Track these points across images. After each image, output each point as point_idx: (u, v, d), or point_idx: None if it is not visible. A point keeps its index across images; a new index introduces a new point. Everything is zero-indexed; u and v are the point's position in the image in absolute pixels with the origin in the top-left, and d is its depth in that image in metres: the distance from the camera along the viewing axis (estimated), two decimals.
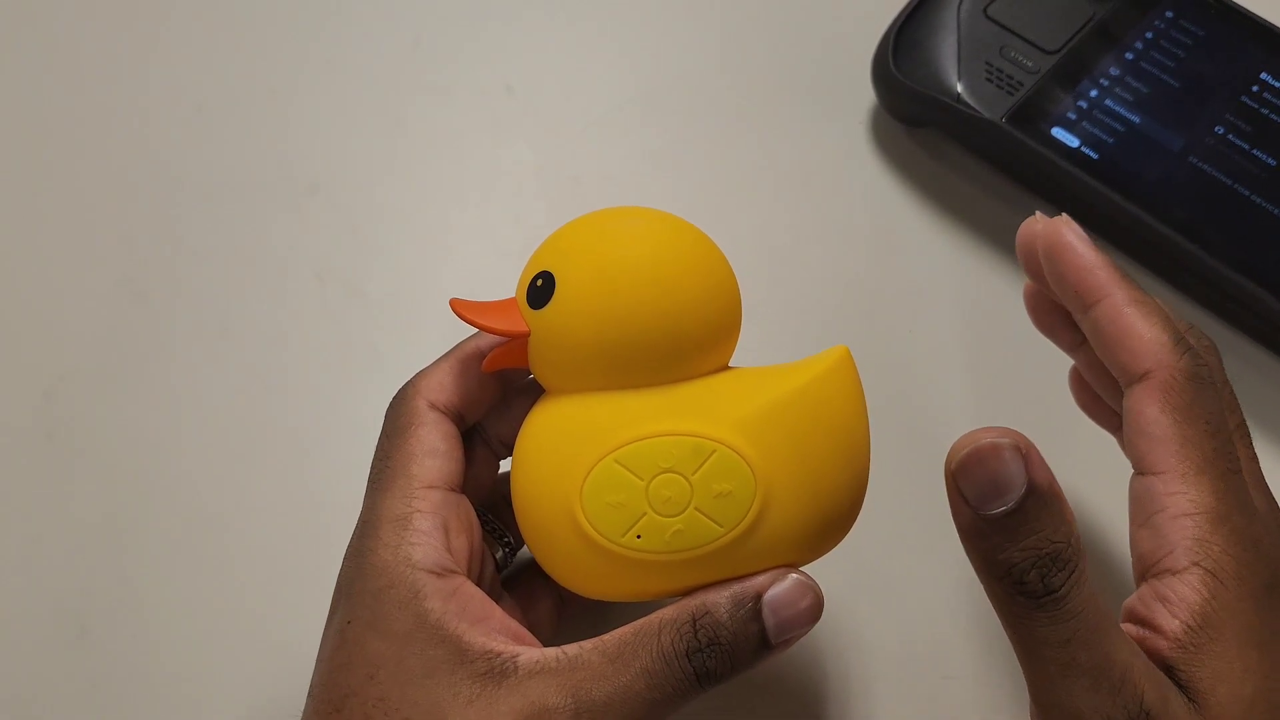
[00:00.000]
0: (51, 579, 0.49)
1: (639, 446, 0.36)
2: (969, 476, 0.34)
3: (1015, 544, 0.33)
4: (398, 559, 0.36)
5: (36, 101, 0.60)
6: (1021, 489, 0.33)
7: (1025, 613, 0.34)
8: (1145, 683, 0.33)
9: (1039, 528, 0.33)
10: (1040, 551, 0.33)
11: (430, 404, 0.39)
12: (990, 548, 0.34)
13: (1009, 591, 0.34)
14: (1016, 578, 0.33)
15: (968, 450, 0.33)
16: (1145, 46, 0.55)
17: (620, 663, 0.35)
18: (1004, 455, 0.33)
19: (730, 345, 0.39)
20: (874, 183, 0.57)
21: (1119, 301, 0.38)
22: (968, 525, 0.34)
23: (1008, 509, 0.33)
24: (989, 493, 0.33)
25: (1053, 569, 0.33)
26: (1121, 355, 0.38)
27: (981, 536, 0.34)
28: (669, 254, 0.37)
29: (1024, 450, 0.33)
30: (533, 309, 0.38)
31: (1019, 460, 0.33)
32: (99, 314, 0.54)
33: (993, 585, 0.34)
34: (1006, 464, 0.33)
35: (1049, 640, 0.33)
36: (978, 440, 0.33)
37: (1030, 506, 0.33)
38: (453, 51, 0.61)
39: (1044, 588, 0.33)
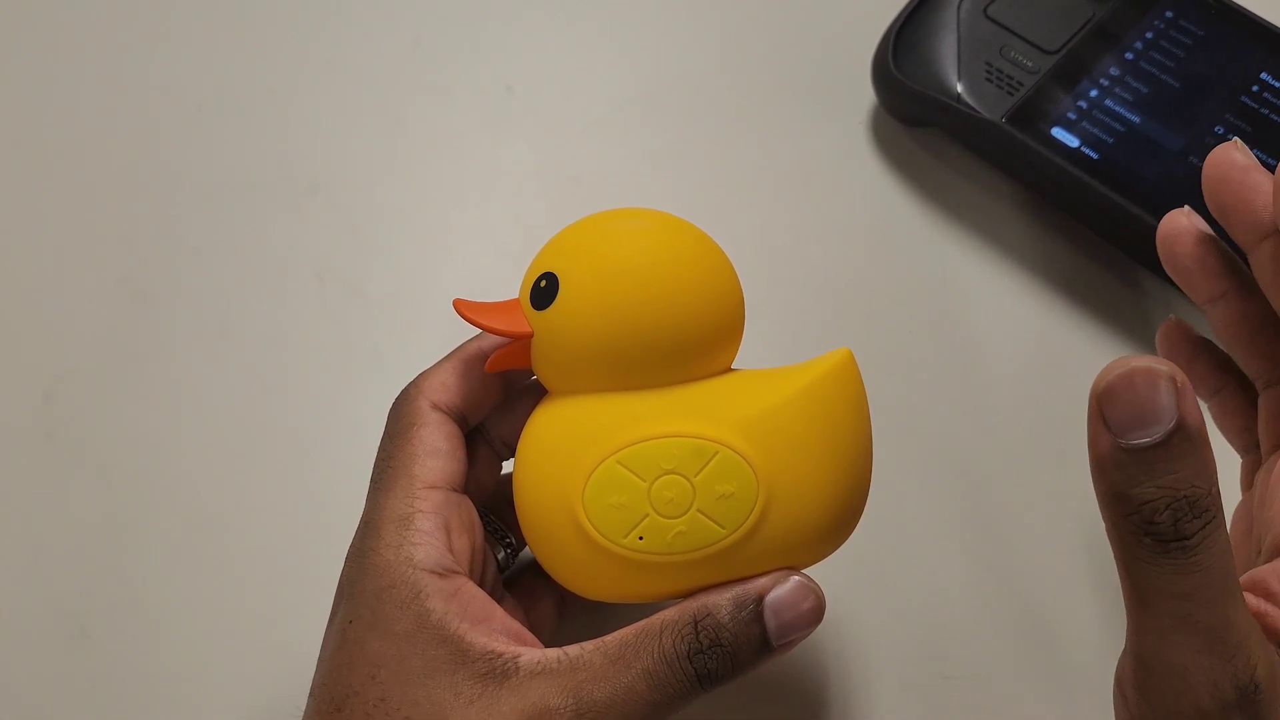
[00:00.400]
0: (51, 579, 0.49)
1: (641, 448, 0.36)
2: (1116, 400, 0.31)
3: (1153, 480, 0.31)
4: (399, 559, 0.36)
5: (37, 101, 0.60)
6: (1171, 423, 0.30)
7: (1149, 556, 0.32)
8: (1260, 655, 0.32)
9: (1182, 468, 0.31)
10: (1178, 493, 0.31)
11: (433, 404, 0.40)
12: (1124, 479, 0.31)
13: (1136, 530, 0.32)
14: (1147, 516, 0.31)
15: (1120, 372, 0.31)
16: (1145, 46, 0.55)
17: (622, 664, 0.35)
18: (1159, 384, 0.31)
19: (733, 347, 0.39)
20: (874, 183, 0.57)
21: None
22: (1104, 453, 0.32)
23: (1153, 441, 0.31)
24: (1135, 420, 0.31)
25: (1188, 514, 0.31)
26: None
27: (1117, 467, 0.31)
28: (673, 256, 0.38)
29: (1180, 385, 0.31)
30: (536, 310, 0.38)
31: (1173, 393, 0.30)
32: (99, 314, 0.54)
33: (1119, 521, 0.32)
34: (1160, 394, 0.31)
35: (1169, 590, 0.32)
36: (1131, 364, 0.31)
37: (1177, 443, 0.31)
38: (453, 51, 0.61)
39: (1175, 532, 0.31)
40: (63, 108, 0.60)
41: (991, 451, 0.50)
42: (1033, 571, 0.48)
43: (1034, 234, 0.55)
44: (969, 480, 0.49)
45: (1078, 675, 0.46)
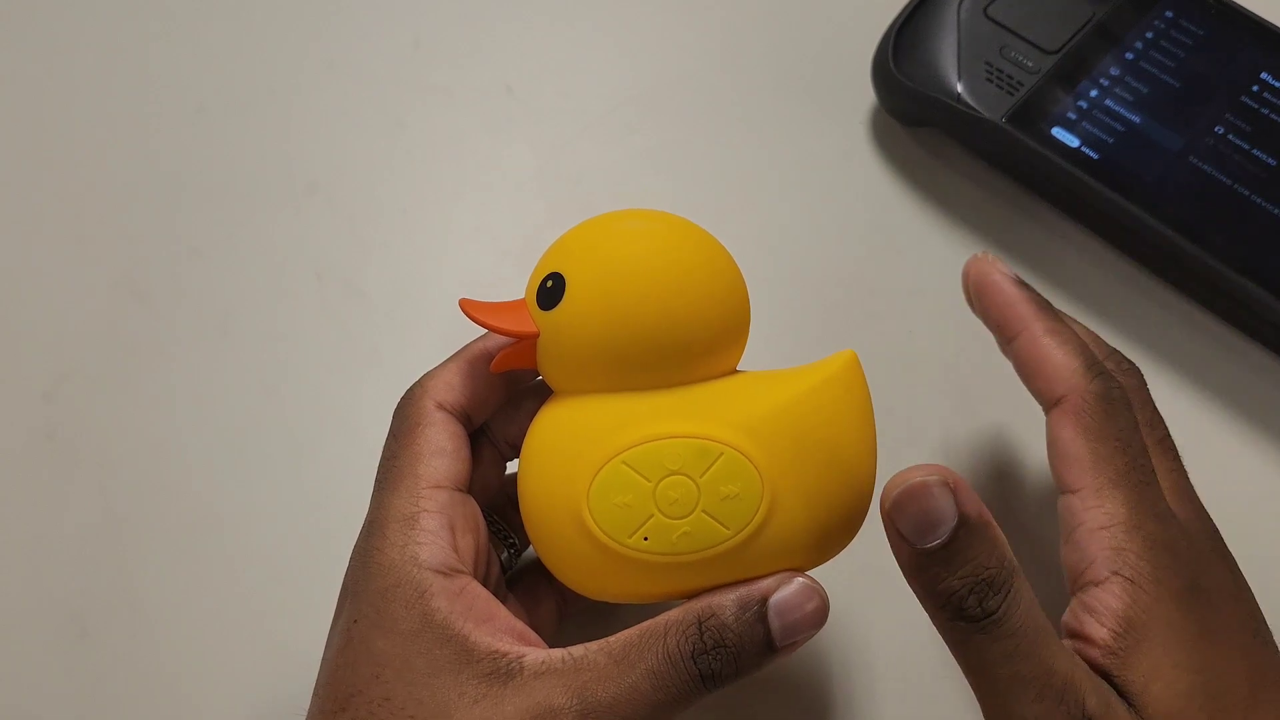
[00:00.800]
0: (51, 579, 0.49)
1: (646, 448, 0.36)
2: (903, 514, 0.35)
3: (953, 573, 0.35)
4: (404, 558, 0.36)
5: (37, 101, 0.60)
6: (953, 521, 0.34)
7: (967, 636, 0.35)
8: (1087, 688, 0.35)
9: (972, 555, 0.35)
10: (976, 578, 0.35)
11: (438, 404, 0.40)
12: (930, 579, 0.35)
13: (951, 617, 0.35)
14: (956, 604, 0.35)
15: (900, 489, 0.35)
16: (1145, 46, 0.55)
17: (626, 664, 0.35)
18: (933, 491, 0.34)
19: (738, 349, 0.39)
20: (874, 183, 0.57)
21: (1036, 332, 0.41)
22: (908, 560, 0.35)
23: (942, 541, 0.34)
24: (924, 527, 0.34)
25: (989, 593, 0.34)
26: (1039, 382, 0.41)
27: (921, 569, 0.35)
28: (679, 257, 0.38)
29: (952, 485, 0.34)
30: (542, 310, 0.38)
31: (948, 495, 0.34)
32: (99, 314, 0.54)
33: (936, 614, 0.36)
34: (936, 499, 0.34)
35: (992, 658, 0.35)
36: (909, 479, 0.35)
37: (962, 536, 0.34)
38: (453, 51, 0.61)
39: (982, 611, 0.35)
40: (63, 108, 0.60)
41: (991, 451, 0.50)
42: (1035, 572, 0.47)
43: (1034, 234, 0.55)
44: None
45: None
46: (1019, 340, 0.42)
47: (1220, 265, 0.50)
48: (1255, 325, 0.51)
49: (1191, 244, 0.50)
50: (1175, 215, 0.51)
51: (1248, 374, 0.52)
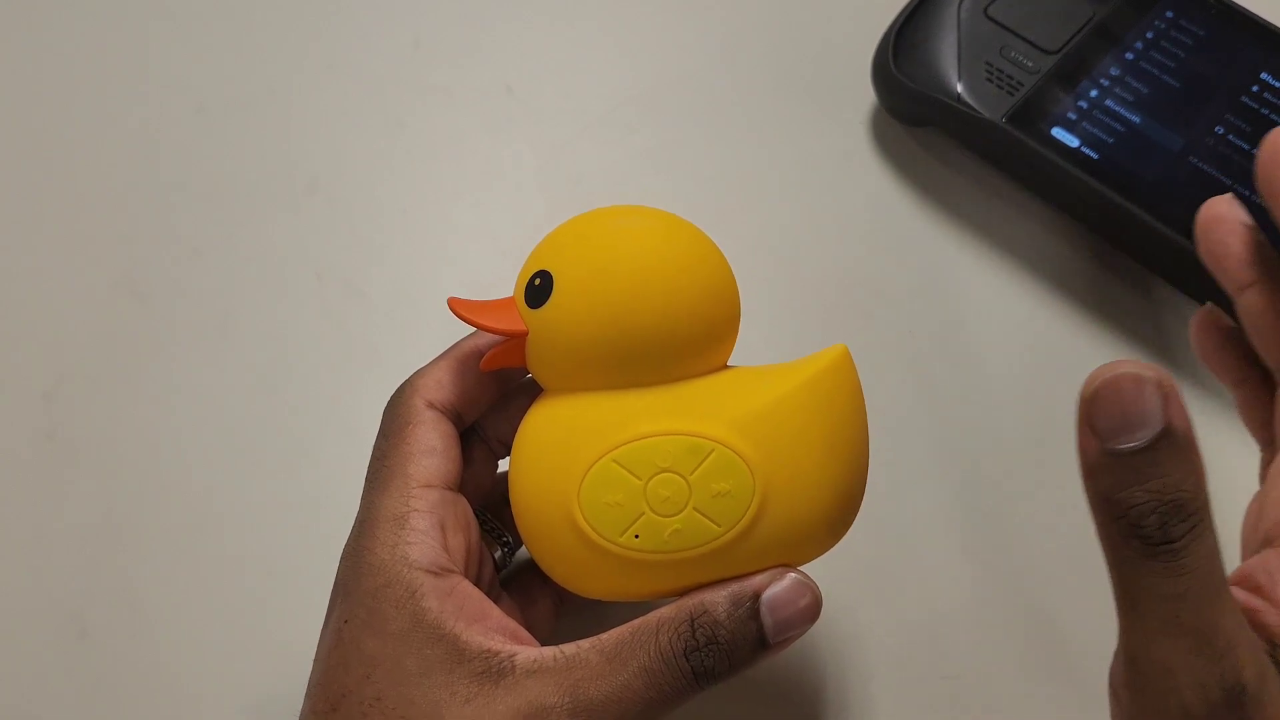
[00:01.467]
0: (51, 579, 0.49)
1: (637, 446, 0.36)
2: (1102, 406, 0.31)
3: (1140, 484, 0.31)
4: (394, 558, 0.36)
5: (36, 102, 0.60)
6: (1158, 427, 0.31)
7: (1137, 559, 0.32)
8: (1247, 657, 0.32)
9: (1168, 471, 0.31)
10: (1164, 497, 0.31)
11: (428, 403, 0.39)
12: (1112, 484, 0.32)
13: (1124, 533, 0.32)
14: (1134, 520, 0.31)
15: (1105, 379, 0.31)
16: (1145, 46, 0.55)
17: (618, 661, 0.35)
18: (1145, 390, 0.31)
19: (729, 345, 0.39)
20: (874, 183, 0.57)
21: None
22: (1092, 457, 0.32)
23: (1139, 445, 0.31)
24: (1121, 426, 0.31)
25: (1175, 518, 0.31)
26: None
27: (1105, 471, 0.32)
28: (667, 253, 0.37)
29: (1166, 389, 0.31)
30: (531, 308, 0.38)
31: (1158, 397, 0.31)
32: (99, 314, 0.54)
33: (1108, 525, 0.32)
34: (1146, 399, 0.31)
35: (1157, 592, 0.32)
36: (1117, 369, 0.31)
37: (1164, 448, 0.31)
38: (453, 51, 0.61)
39: (1162, 535, 0.31)
40: (63, 108, 0.60)
41: (989, 450, 0.50)
42: (1031, 569, 0.48)
43: (1034, 234, 0.55)
44: (967, 480, 0.49)
45: (1077, 674, 0.46)
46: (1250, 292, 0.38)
47: None
48: None
49: (1191, 244, 0.50)
50: (1175, 215, 0.51)
51: None
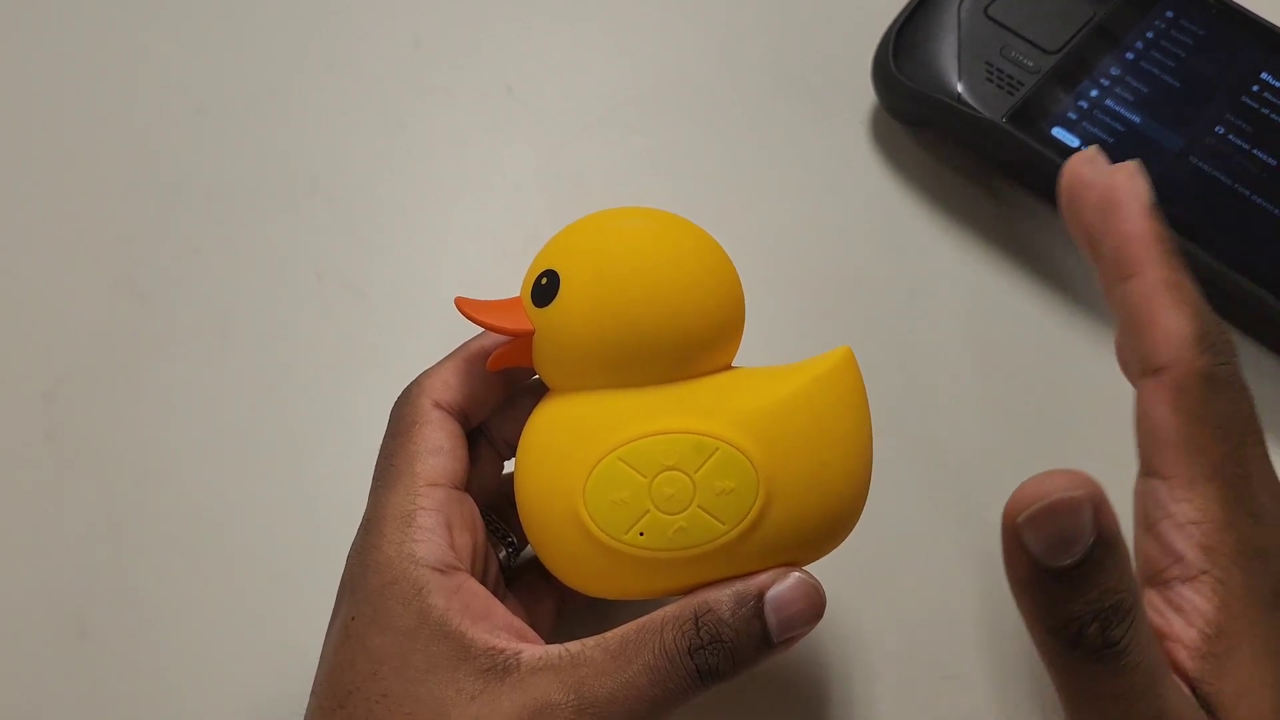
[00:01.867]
0: (51, 579, 0.49)
1: (642, 444, 0.36)
2: (1038, 529, 0.31)
3: (1080, 597, 0.31)
4: (401, 555, 0.36)
5: (36, 101, 0.60)
6: (1090, 540, 0.31)
7: (1081, 667, 0.32)
8: None
9: (1103, 579, 0.31)
10: (1104, 604, 0.31)
11: (435, 403, 0.40)
12: (1049, 600, 0.32)
13: (1065, 645, 0.32)
14: (1075, 631, 0.31)
15: (1040, 505, 0.31)
16: (1145, 46, 0.55)
17: (623, 659, 0.35)
18: (1080, 509, 0.30)
19: (734, 345, 0.39)
20: (874, 183, 0.57)
21: (1152, 282, 0.35)
22: (1025, 577, 0.32)
23: (1074, 561, 0.31)
24: (1057, 546, 0.31)
25: (1114, 621, 0.31)
26: (1141, 342, 0.35)
27: (1040, 589, 0.32)
28: (674, 253, 0.38)
29: (1097, 500, 0.31)
30: (537, 307, 0.38)
31: (1090, 511, 0.31)
32: (99, 314, 0.54)
33: (1046, 639, 0.33)
34: (1079, 516, 0.31)
35: (1104, 691, 0.32)
36: (1050, 492, 0.31)
37: (1098, 557, 0.31)
38: (453, 51, 0.61)
39: (1104, 641, 0.31)
40: (62, 108, 0.60)
41: (991, 451, 0.50)
42: None
43: (1034, 234, 0.55)
44: (969, 480, 0.49)
45: None
46: (1131, 284, 0.35)
47: (1220, 265, 0.50)
48: (1255, 324, 0.51)
49: (1191, 244, 0.50)
50: (1175, 215, 0.50)
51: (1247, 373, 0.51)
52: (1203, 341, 0.34)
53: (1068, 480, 0.31)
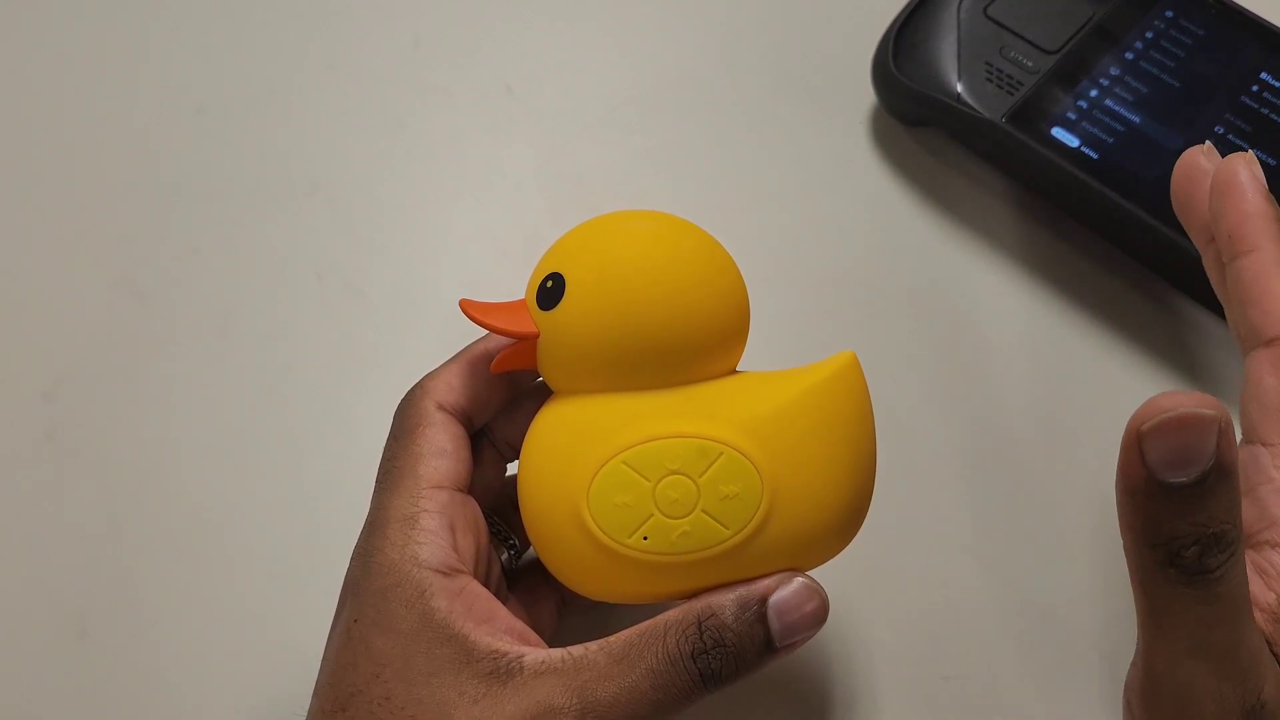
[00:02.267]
0: (51, 579, 0.49)
1: (646, 448, 0.36)
2: (1160, 440, 0.31)
3: (1186, 517, 0.31)
4: (404, 558, 0.36)
5: (36, 102, 0.60)
6: (1209, 463, 0.31)
7: (1171, 586, 0.32)
8: (1268, 673, 0.32)
9: (1214, 506, 0.31)
10: (1207, 530, 0.31)
11: (438, 405, 0.39)
12: (1155, 513, 0.32)
13: (1161, 560, 0.32)
14: (1174, 549, 0.32)
15: (1168, 415, 0.31)
16: (1145, 46, 0.55)
17: (626, 664, 0.35)
18: (1208, 429, 0.31)
19: (738, 349, 0.39)
20: (874, 183, 0.57)
21: (1267, 258, 0.36)
22: (1137, 484, 0.32)
23: (1189, 480, 0.31)
24: (1176, 461, 0.31)
25: (1214, 549, 0.32)
26: (1253, 313, 0.36)
27: (1150, 500, 0.32)
28: (680, 257, 0.38)
29: (1224, 425, 0.31)
30: (542, 310, 0.38)
31: (1214, 434, 0.31)
32: (99, 314, 0.54)
33: (1143, 552, 0.33)
34: (1204, 436, 0.31)
35: (1187, 616, 0.32)
36: (1179, 405, 0.31)
37: (1213, 483, 0.31)
38: (453, 51, 0.61)
39: (1199, 565, 0.32)
40: (63, 108, 0.60)
41: (992, 452, 0.50)
42: (1034, 572, 0.48)
43: (1034, 234, 0.55)
44: (970, 481, 0.49)
45: (1078, 676, 0.46)
46: (1247, 260, 0.37)
47: None
48: None
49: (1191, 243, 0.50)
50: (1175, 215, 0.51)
51: None
52: None
53: (1199, 400, 0.31)
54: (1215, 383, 0.51)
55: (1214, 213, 0.38)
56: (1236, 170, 0.38)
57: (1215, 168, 0.39)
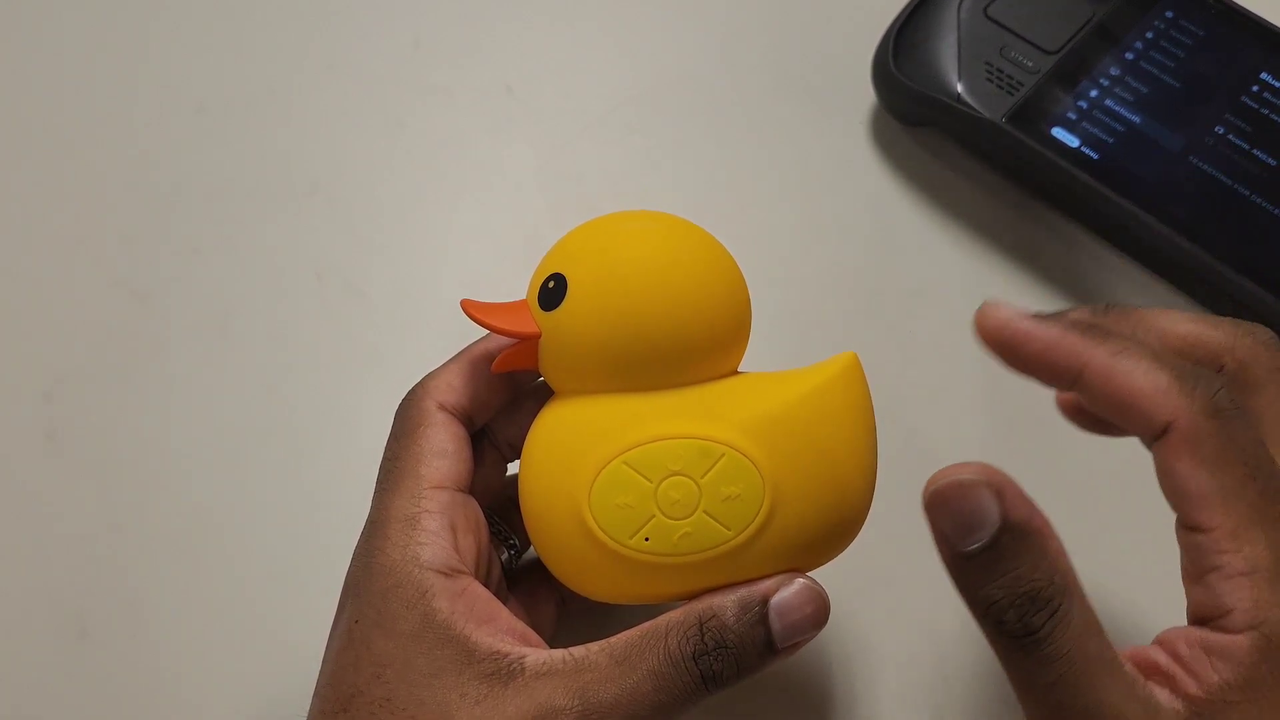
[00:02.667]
0: (51, 579, 0.49)
1: (648, 449, 0.36)
2: (941, 512, 0.33)
3: (993, 581, 0.32)
4: (406, 558, 0.36)
5: (36, 102, 0.60)
6: (995, 525, 0.32)
7: (1008, 653, 0.33)
8: None
9: (1017, 565, 0.32)
10: (1018, 590, 0.32)
11: (439, 405, 0.39)
12: (969, 584, 0.33)
13: (992, 630, 0.33)
14: (996, 616, 0.33)
15: (939, 484, 0.33)
16: (1145, 46, 0.55)
17: (627, 665, 0.35)
18: (976, 492, 0.32)
19: (739, 350, 0.39)
20: (874, 183, 0.57)
21: (1101, 363, 0.35)
22: (948, 560, 0.33)
23: (983, 544, 0.32)
24: (962, 528, 0.32)
25: (1031, 609, 0.32)
26: (1132, 417, 0.34)
27: (960, 573, 0.33)
28: (682, 258, 0.38)
29: (998, 485, 0.32)
30: (544, 310, 0.38)
31: (990, 496, 0.32)
32: (98, 314, 0.54)
33: (980, 621, 0.34)
34: (980, 500, 0.32)
35: (1034, 682, 0.33)
36: (948, 475, 0.33)
37: (1006, 543, 0.32)
38: (453, 51, 0.61)
39: (1023, 628, 0.32)
40: (63, 108, 0.60)
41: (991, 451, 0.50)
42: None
43: (1034, 234, 0.55)
44: None
45: None
46: (1085, 377, 0.35)
47: (1220, 265, 0.50)
48: None
49: (1191, 244, 0.50)
50: (1175, 215, 0.51)
51: None
52: (1186, 382, 0.34)
53: (970, 469, 0.32)
54: None
55: (1026, 368, 0.37)
56: (1003, 321, 0.37)
57: (988, 335, 0.37)
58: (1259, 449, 0.33)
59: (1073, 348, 0.35)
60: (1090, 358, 0.35)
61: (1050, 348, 0.36)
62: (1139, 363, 0.34)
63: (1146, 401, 0.34)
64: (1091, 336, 0.35)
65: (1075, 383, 0.36)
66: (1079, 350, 0.35)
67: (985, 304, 0.37)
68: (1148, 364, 0.34)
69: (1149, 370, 0.34)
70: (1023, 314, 0.37)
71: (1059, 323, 0.36)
